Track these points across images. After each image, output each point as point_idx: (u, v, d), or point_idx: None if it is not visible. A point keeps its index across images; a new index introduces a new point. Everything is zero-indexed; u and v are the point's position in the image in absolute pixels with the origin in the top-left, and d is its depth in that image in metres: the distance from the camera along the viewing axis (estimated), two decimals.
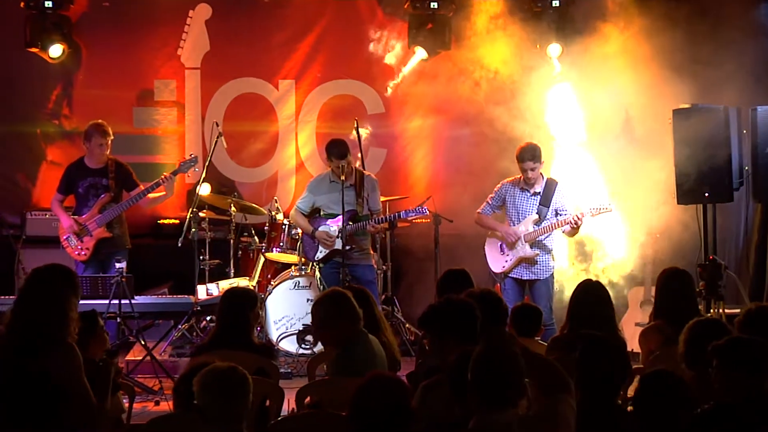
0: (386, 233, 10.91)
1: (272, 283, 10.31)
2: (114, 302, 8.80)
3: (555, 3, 11.23)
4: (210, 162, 10.65)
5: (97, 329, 5.99)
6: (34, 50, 11.36)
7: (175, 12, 12.06)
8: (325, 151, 9.62)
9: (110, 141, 9.85)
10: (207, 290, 10.34)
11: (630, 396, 5.46)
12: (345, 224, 9.38)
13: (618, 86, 10.38)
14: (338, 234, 9.46)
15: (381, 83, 11.83)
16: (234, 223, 10.77)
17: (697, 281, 8.81)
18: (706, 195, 9.49)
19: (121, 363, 8.75)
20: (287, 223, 10.29)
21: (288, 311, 10.18)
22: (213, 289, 10.33)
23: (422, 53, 11.50)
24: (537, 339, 6.95)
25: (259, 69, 12.21)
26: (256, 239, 10.73)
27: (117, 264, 9.08)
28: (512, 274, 9.39)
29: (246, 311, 6.49)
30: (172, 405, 5.16)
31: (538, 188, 9.36)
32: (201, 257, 10.44)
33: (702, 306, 8.66)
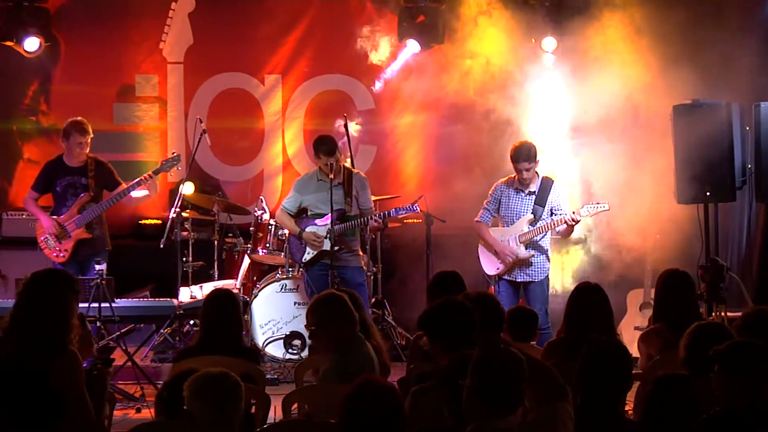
0: (377, 234, 10.91)
1: (258, 286, 10.31)
2: (94, 305, 8.79)
3: None
4: (193, 160, 10.65)
5: (84, 333, 6.00)
6: (9, 44, 11.32)
7: (158, 4, 12.05)
8: (313, 148, 9.61)
9: (90, 139, 9.82)
10: (190, 293, 10.34)
11: (630, 401, 5.48)
12: (333, 224, 9.37)
13: (615, 81, 10.39)
14: (326, 234, 9.45)
15: (370, 78, 11.84)
16: (218, 224, 10.76)
17: (698, 283, 8.82)
18: (708, 194, 9.51)
19: None
20: (273, 224, 10.28)
21: (274, 315, 10.18)
22: (196, 292, 10.33)
23: (414, 47, 11.50)
24: (532, 343, 6.96)
25: (245, 63, 12.21)
26: (242, 240, 10.71)
27: (97, 266, 9.06)
28: (506, 276, 9.38)
29: (230, 314, 6.49)
30: (154, 412, 5.16)
31: (533, 187, 9.34)
32: (184, 259, 10.43)
33: (703, 309, 8.66)
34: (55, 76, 11.94)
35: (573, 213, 9.19)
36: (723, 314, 8.96)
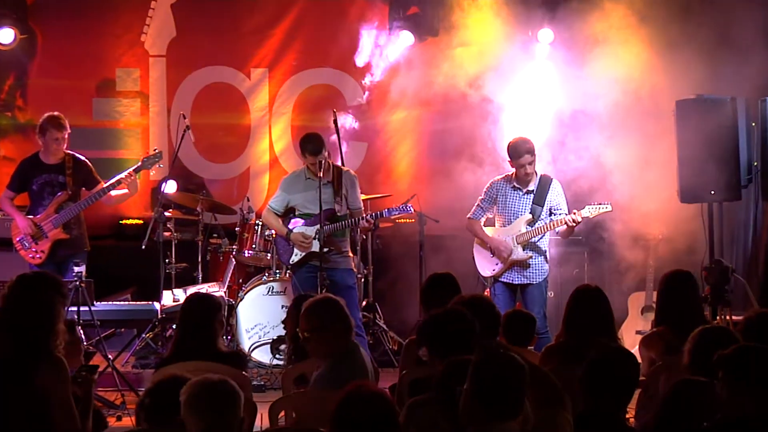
0: (367, 234, 10.92)
1: (244, 289, 10.31)
2: (72, 309, 8.76)
3: None
4: (176, 157, 10.64)
5: (73, 340, 6.01)
6: None
7: None
8: (299, 147, 9.62)
9: (67, 134, 9.80)
10: (173, 296, 10.33)
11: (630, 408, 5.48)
12: (322, 224, 9.36)
13: (615, 75, 10.40)
14: (315, 235, 9.44)
15: (361, 72, 11.84)
16: (202, 224, 10.75)
17: (702, 286, 8.83)
18: (712, 193, 9.53)
19: None
20: (260, 224, 10.29)
21: (261, 319, 10.18)
22: (179, 295, 10.32)
23: (407, 39, 11.50)
24: (530, 348, 6.97)
25: (230, 57, 12.21)
26: (227, 241, 10.72)
27: (75, 268, 9.04)
28: (503, 279, 9.37)
29: (208, 320, 6.48)
30: (135, 420, 5.15)
31: (532, 186, 9.32)
32: (167, 260, 10.42)
33: (707, 312, 8.68)
34: (32, 70, 11.92)
35: (573, 213, 9.16)
36: (728, 317, 8.98)
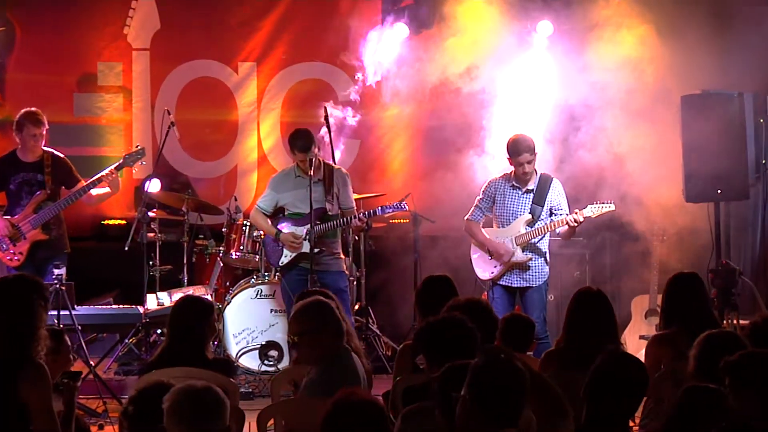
0: (360, 235, 10.91)
1: (231, 292, 10.30)
2: (52, 313, 8.75)
3: None
4: (161, 155, 10.62)
5: (63, 348, 6.00)
6: None
7: None
8: (288, 144, 9.60)
9: (45, 131, 9.78)
10: (157, 300, 10.33)
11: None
12: (313, 224, 9.34)
13: (618, 70, 10.39)
14: (306, 235, 9.43)
15: (354, 66, 11.81)
16: (188, 224, 10.75)
17: (709, 288, 8.83)
18: (719, 192, 9.54)
19: None
20: (248, 224, 10.27)
21: (249, 323, 10.18)
22: (164, 299, 10.32)
23: (402, 32, 11.48)
24: (529, 354, 6.97)
25: (217, 50, 12.20)
26: (213, 242, 10.71)
27: (55, 270, 9.04)
28: (501, 282, 9.37)
29: (199, 324, 6.47)
30: (118, 429, 5.14)
31: (531, 185, 9.32)
32: (151, 263, 10.41)
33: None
34: (10, 64, 11.90)
35: (575, 213, 9.15)
36: (735, 322, 8.98)
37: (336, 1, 11.89)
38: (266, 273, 10.24)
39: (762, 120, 9.76)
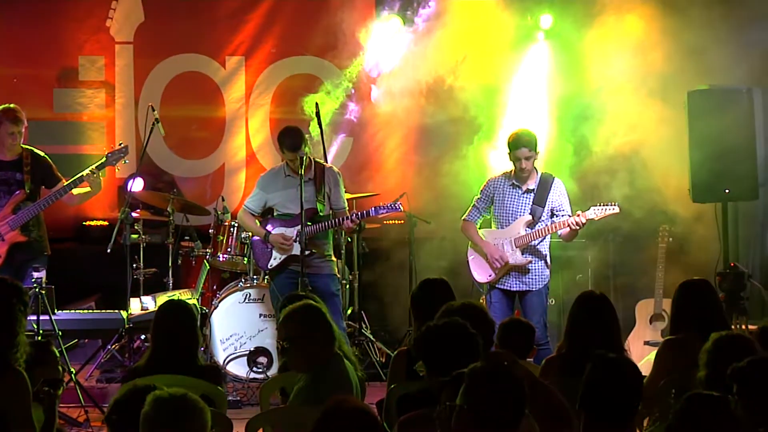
0: (353, 236, 10.90)
1: (218, 296, 10.30)
2: (32, 318, 8.74)
3: None
4: (145, 153, 10.62)
5: (50, 359, 5.99)
6: None
7: None
8: (277, 141, 9.60)
9: (24, 128, 9.76)
10: (141, 304, 10.32)
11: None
12: (304, 225, 9.33)
13: (622, 64, 10.40)
14: (296, 237, 9.41)
15: (346, 60, 11.81)
16: (173, 225, 10.74)
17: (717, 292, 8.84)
18: (727, 191, 9.55)
19: None
20: (236, 225, 10.27)
21: (237, 329, 10.17)
22: (148, 303, 10.31)
23: (396, 25, 11.48)
24: (529, 360, 6.97)
25: (203, 44, 12.21)
26: (199, 244, 10.71)
27: (35, 273, 9.02)
28: (500, 285, 9.36)
29: (183, 330, 6.47)
30: None
31: (532, 185, 9.30)
32: (134, 265, 10.40)
33: None
34: None
35: (578, 215, 9.13)
36: (744, 327, 9.00)
37: None
38: (255, 276, 10.23)
39: None
